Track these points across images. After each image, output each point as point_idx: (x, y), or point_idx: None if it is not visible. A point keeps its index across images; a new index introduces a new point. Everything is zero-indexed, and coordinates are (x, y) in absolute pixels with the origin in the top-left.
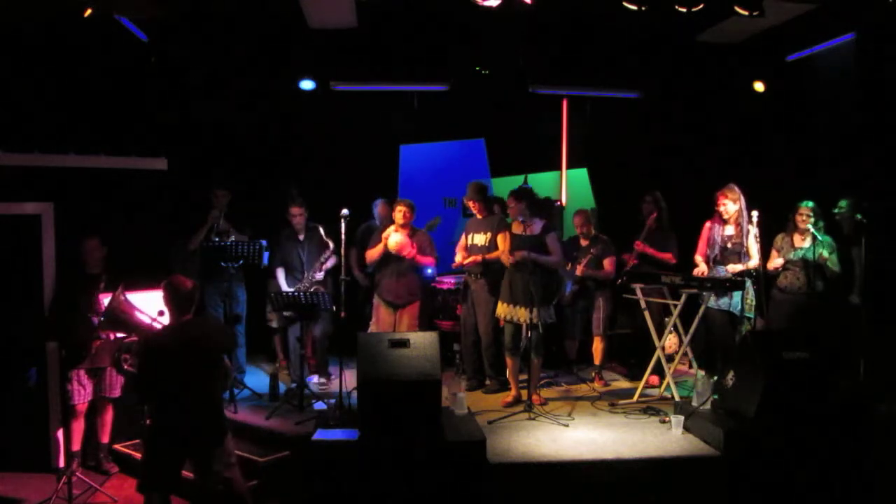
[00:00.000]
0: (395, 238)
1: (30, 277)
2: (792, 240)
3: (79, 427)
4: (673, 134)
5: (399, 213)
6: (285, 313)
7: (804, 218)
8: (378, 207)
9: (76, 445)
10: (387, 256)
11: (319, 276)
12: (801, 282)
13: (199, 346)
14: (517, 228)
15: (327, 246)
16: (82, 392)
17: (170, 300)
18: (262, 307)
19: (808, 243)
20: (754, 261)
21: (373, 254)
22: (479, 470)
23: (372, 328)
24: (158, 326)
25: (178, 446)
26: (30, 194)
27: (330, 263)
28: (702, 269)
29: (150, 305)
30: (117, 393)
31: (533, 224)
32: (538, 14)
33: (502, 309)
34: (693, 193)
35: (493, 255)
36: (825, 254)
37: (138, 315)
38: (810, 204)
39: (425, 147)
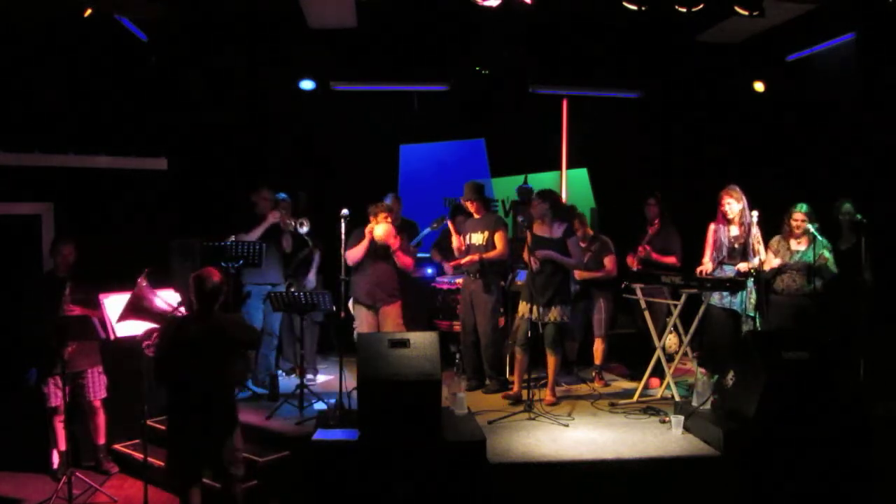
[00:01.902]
0: (381, 228)
1: (30, 277)
2: (788, 244)
3: (61, 427)
4: (673, 134)
5: (382, 218)
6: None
7: (798, 223)
8: (389, 201)
9: (62, 445)
10: (364, 258)
11: (312, 282)
12: (800, 284)
13: (219, 337)
14: (538, 229)
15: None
16: (59, 393)
17: (195, 291)
18: None
19: (804, 246)
20: (757, 259)
21: (356, 252)
22: (479, 470)
23: (357, 329)
24: (179, 315)
25: (192, 435)
26: (30, 194)
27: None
28: (704, 267)
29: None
30: (103, 394)
31: (554, 226)
32: (538, 14)
33: (522, 307)
34: (693, 193)
35: (491, 254)
36: (826, 255)
37: (158, 303)
38: (804, 208)
39: (425, 147)
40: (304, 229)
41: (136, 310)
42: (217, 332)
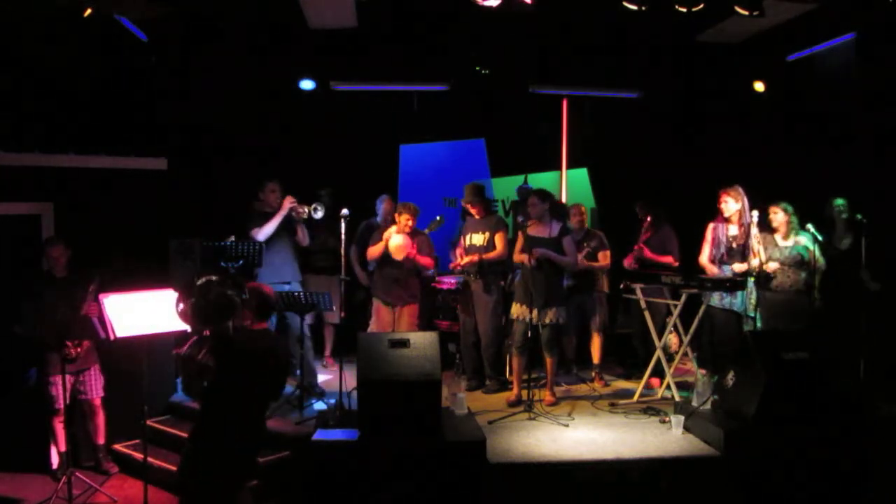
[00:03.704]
0: (395, 241)
1: (27, 278)
2: (774, 239)
3: (62, 427)
4: (673, 134)
5: (404, 220)
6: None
7: (771, 217)
8: (383, 203)
9: (63, 446)
10: (386, 256)
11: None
12: (793, 280)
13: (272, 355)
14: (535, 230)
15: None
16: (64, 394)
17: (254, 304)
18: None
19: (790, 242)
20: (756, 260)
21: (374, 252)
22: (479, 470)
23: (372, 328)
24: (237, 327)
25: (233, 469)
26: (30, 194)
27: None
28: (713, 270)
29: (147, 305)
30: (102, 393)
31: (551, 226)
32: (538, 14)
33: (515, 309)
34: (693, 193)
35: (491, 254)
36: (813, 250)
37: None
38: (782, 204)
39: (425, 147)
40: (319, 214)
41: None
42: (274, 347)
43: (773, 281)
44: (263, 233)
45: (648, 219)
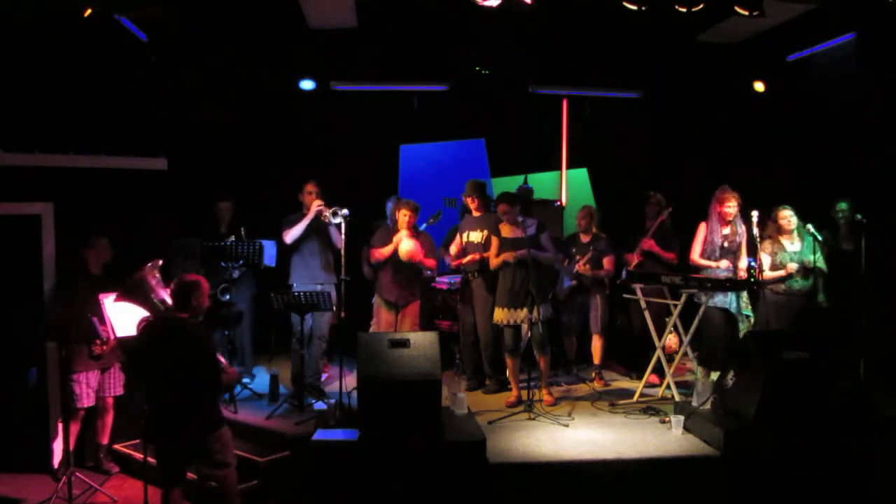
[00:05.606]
0: (405, 246)
1: (30, 277)
2: (782, 244)
3: (76, 428)
4: (673, 134)
5: (403, 217)
6: None
7: (788, 221)
8: (392, 204)
9: (72, 446)
10: (392, 258)
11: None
12: (800, 283)
13: (178, 342)
14: (508, 232)
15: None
16: (91, 395)
17: (175, 295)
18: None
19: (798, 245)
20: (744, 262)
21: (383, 254)
22: (479, 470)
23: (373, 328)
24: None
25: (164, 436)
26: (30, 194)
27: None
28: (706, 264)
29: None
30: (120, 391)
31: (525, 226)
32: (538, 14)
33: (501, 314)
34: (693, 193)
35: (490, 253)
36: (819, 255)
37: (155, 296)
38: (788, 207)
39: (425, 147)
40: (338, 220)
41: (132, 292)
42: (185, 337)
43: (782, 284)
44: (290, 235)
45: (664, 215)
